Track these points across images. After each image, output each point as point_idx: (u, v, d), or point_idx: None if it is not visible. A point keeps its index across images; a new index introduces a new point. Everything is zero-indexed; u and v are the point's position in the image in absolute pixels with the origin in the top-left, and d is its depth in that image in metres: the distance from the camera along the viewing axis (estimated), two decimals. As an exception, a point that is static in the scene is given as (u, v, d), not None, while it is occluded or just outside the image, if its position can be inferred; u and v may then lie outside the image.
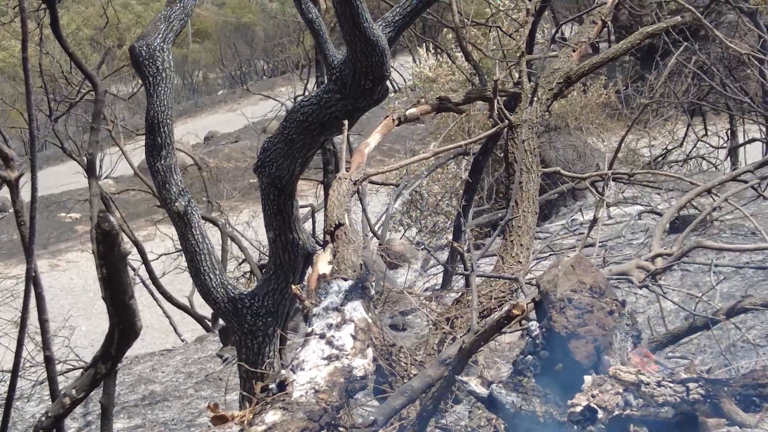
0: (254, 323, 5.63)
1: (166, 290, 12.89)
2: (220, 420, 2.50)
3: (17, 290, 12.57)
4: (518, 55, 5.37)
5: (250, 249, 13.32)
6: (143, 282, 12.87)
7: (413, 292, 4.47)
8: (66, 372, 10.50)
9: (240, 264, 13.85)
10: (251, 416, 2.46)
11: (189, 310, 13.12)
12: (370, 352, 2.49)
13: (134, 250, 12.04)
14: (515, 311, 2.97)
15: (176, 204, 5.80)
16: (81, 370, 10.89)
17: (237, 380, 8.86)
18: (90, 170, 4.28)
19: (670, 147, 14.87)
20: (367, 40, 4.65)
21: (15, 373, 2.93)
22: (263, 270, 12.07)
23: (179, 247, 14.28)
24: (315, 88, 10.61)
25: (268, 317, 5.63)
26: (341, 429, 2.39)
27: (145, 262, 12.76)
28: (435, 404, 3.32)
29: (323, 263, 3.49)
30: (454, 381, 3.20)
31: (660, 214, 10.44)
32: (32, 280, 2.95)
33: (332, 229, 4.09)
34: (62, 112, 11.30)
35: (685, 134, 14.74)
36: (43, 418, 2.29)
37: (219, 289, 5.60)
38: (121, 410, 8.45)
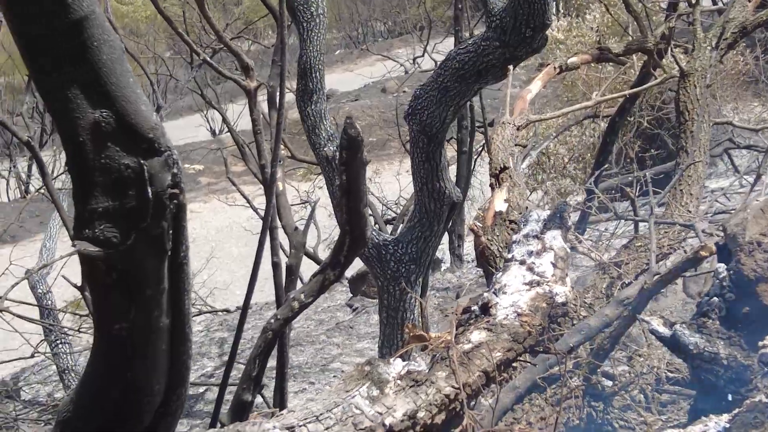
0: (397, 270, 5.67)
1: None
2: (417, 339, 2.56)
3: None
4: (693, 3, 5.26)
5: (375, 203, 13.45)
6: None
7: (577, 238, 4.46)
8: (194, 316, 10.87)
9: (365, 218, 14.00)
10: (449, 338, 2.51)
11: (317, 259, 13.32)
12: (569, 280, 2.51)
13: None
14: (703, 252, 2.94)
15: (325, 149, 5.92)
16: (208, 313, 11.27)
17: (367, 329, 9.03)
18: (272, 101, 4.43)
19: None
20: (532, -15, 4.62)
21: (251, 284, 3.04)
22: (399, 220, 12.18)
23: (303, 198, 14.55)
24: (451, 46, 10.59)
25: (411, 264, 5.66)
26: (543, 350, 2.42)
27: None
28: (612, 343, 3.34)
29: (499, 200, 3.52)
30: (633, 320, 3.21)
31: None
32: (273, 187, 3.06)
33: (497, 172, 4.10)
34: (199, 63, 11.64)
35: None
36: (272, 321, 2.39)
37: (364, 234, 5.67)
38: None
